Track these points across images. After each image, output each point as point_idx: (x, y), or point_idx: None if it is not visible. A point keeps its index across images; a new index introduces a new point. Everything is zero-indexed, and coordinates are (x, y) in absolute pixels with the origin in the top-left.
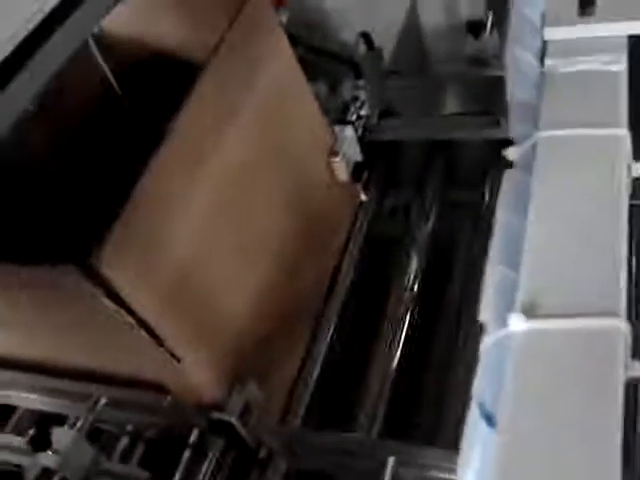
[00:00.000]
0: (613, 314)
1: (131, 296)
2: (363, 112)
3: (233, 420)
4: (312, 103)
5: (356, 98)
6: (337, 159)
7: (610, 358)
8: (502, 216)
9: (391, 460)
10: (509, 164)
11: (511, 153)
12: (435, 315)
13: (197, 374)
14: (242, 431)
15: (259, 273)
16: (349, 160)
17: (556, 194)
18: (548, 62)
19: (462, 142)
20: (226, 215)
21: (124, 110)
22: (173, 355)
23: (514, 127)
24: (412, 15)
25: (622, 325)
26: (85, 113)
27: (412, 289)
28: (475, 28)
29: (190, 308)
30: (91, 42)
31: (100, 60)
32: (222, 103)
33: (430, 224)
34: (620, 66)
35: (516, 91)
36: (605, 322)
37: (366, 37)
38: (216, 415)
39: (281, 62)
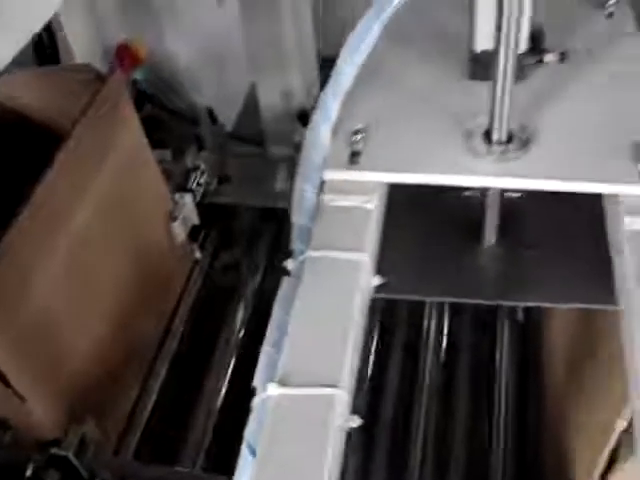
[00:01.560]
0: (334, 385)
1: None
2: (203, 180)
3: (70, 455)
4: (156, 172)
5: (197, 167)
6: (176, 224)
7: (325, 417)
8: (276, 311)
9: None
10: (287, 272)
11: (289, 264)
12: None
13: (38, 412)
14: (77, 465)
15: (99, 322)
16: (187, 223)
17: (314, 298)
18: (324, 196)
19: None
20: (77, 273)
21: None
22: (17, 394)
23: (294, 244)
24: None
25: (340, 393)
26: None
27: (238, 335)
28: (304, 117)
29: (35, 351)
30: None
31: None
32: (78, 173)
33: (257, 280)
34: (373, 205)
35: (297, 216)
36: (328, 391)
37: (210, 113)
38: (53, 450)
39: (130, 136)
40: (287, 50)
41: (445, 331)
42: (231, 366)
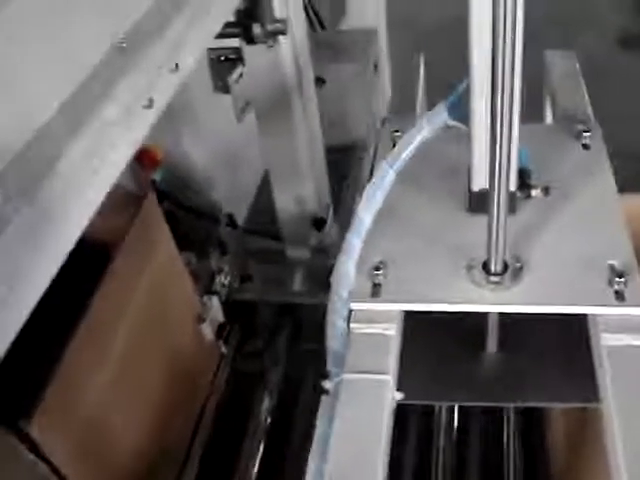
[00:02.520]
0: None
1: (52, 451)
2: (227, 281)
3: None
4: (186, 281)
5: (221, 270)
6: (204, 325)
7: None
8: (319, 427)
9: None
10: (326, 391)
11: (327, 384)
12: (283, 446)
13: None
14: None
15: (138, 421)
16: (214, 323)
17: (350, 415)
18: (352, 324)
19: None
20: (120, 380)
21: None
22: None
23: (329, 366)
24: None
25: None
26: None
27: (265, 423)
28: (319, 223)
29: (87, 451)
30: None
31: None
32: (121, 292)
33: (280, 369)
34: (393, 331)
35: (330, 342)
36: None
37: (230, 218)
38: None
39: (164, 252)
40: (301, 162)
41: (456, 417)
42: (260, 454)
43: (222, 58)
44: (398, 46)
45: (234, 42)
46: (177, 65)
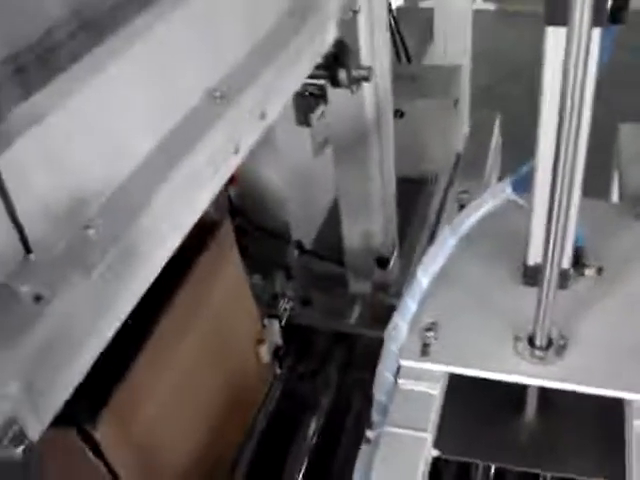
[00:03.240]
0: None
1: (112, 454)
2: (288, 305)
3: None
4: (251, 304)
5: (284, 294)
6: (263, 347)
7: None
8: (356, 477)
9: None
10: (368, 440)
11: (369, 433)
12: (325, 468)
13: None
14: None
15: (194, 434)
16: (272, 345)
17: (387, 468)
18: (399, 380)
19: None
20: (179, 396)
21: None
22: None
23: (374, 415)
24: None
25: None
26: None
27: (311, 441)
28: (382, 262)
29: (149, 460)
30: None
31: None
32: (189, 311)
33: (330, 395)
34: (437, 391)
35: (377, 393)
36: None
37: (299, 244)
38: None
39: (233, 275)
40: (372, 198)
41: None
42: (302, 472)
43: (306, 93)
44: (479, 80)
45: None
46: (265, 112)
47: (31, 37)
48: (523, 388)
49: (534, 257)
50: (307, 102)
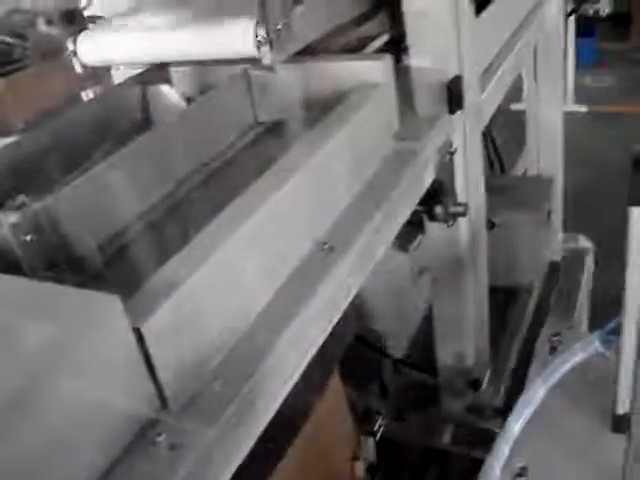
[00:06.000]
0: None
1: None
2: (383, 422)
3: None
4: (349, 419)
5: (380, 412)
6: (358, 463)
7: None
8: None
9: None
10: None
11: None
12: None
13: None
14: None
15: None
16: (366, 461)
17: None
18: None
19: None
20: None
21: None
22: None
23: None
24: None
25: None
26: None
27: None
28: (475, 384)
29: None
30: None
31: None
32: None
33: None
34: None
35: None
36: None
37: (396, 363)
38: None
39: (332, 391)
40: (465, 322)
41: None
42: None
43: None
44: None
45: None
46: (373, 254)
47: None
48: None
49: (622, 407)
50: (405, 229)
